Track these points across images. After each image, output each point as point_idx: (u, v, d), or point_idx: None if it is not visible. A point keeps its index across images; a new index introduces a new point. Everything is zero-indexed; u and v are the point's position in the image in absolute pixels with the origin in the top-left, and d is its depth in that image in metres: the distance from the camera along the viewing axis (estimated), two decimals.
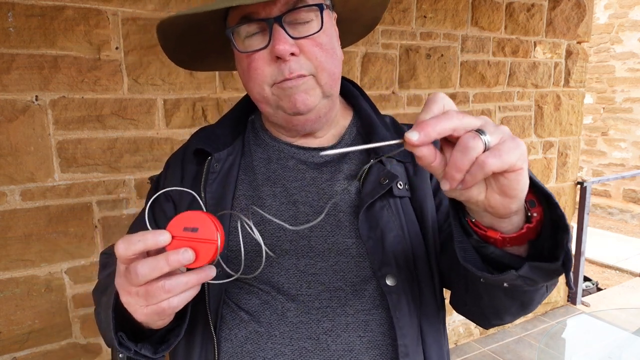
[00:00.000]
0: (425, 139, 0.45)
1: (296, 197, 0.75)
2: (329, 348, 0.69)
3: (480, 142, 0.44)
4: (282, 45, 0.66)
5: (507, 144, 0.45)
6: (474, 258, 0.56)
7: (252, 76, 0.71)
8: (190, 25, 0.73)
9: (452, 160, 0.45)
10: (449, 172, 0.46)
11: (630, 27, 6.19)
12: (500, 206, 0.49)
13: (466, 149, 0.44)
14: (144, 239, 0.52)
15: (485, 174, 0.45)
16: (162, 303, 0.54)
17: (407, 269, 0.73)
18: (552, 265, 0.51)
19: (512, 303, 0.64)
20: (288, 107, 0.71)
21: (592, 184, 3.45)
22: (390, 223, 0.73)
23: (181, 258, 0.51)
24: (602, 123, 6.63)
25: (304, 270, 0.72)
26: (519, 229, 0.53)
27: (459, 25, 2.57)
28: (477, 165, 0.44)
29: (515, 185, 0.46)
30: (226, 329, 0.73)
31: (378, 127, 0.80)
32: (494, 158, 0.44)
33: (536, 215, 0.52)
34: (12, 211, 1.64)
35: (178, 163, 0.85)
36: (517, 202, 0.48)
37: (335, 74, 0.73)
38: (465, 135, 0.45)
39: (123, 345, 0.62)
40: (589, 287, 3.86)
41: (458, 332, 2.97)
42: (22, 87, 1.59)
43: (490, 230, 0.53)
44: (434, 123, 0.45)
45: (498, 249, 0.54)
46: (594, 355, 2.26)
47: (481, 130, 0.45)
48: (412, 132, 0.45)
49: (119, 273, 0.56)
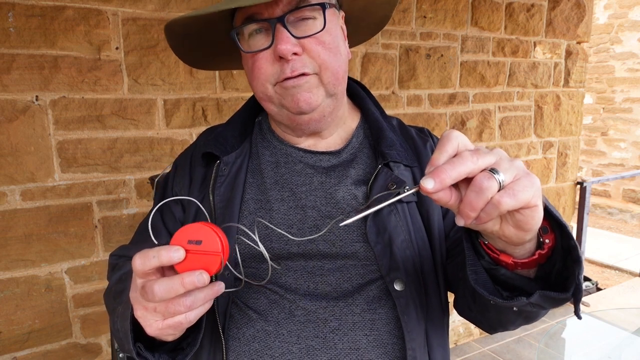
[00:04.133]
0: (440, 187, 0.45)
1: (304, 202, 0.76)
2: (336, 346, 0.70)
3: (494, 182, 0.44)
4: (284, 45, 0.66)
5: (521, 182, 0.45)
6: (484, 280, 0.57)
7: (255, 75, 0.72)
8: (199, 26, 0.74)
9: (467, 200, 0.46)
10: (464, 210, 0.46)
11: (630, 28, 6.19)
12: (515, 237, 0.50)
13: (481, 190, 0.44)
14: (159, 255, 0.53)
15: (500, 213, 0.45)
16: (179, 317, 0.55)
17: (415, 273, 0.73)
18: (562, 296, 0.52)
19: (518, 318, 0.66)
20: (291, 107, 0.72)
21: (592, 184, 3.45)
22: (398, 228, 0.73)
23: (196, 280, 0.52)
24: (601, 123, 6.64)
25: (311, 271, 0.73)
26: (531, 254, 0.54)
27: (459, 26, 2.57)
28: (491, 204, 0.45)
29: (529, 220, 0.47)
30: (234, 328, 0.74)
31: (386, 131, 0.80)
32: (508, 198, 0.44)
33: (548, 242, 0.53)
34: (13, 211, 1.64)
35: (186, 165, 0.86)
36: (531, 234, 0.50)
37: (339, 73, 0.73)
38: (479, 175, 0.45)
39: (141, 355, 0.62)
40: (588, 287, 3.86)
41: (458, 332, 2.97)
42: (22, 87, 1.60)
43: (502, 254, 0.54)
44: (448, 169, 0.45)
45: (509, 271, 0.56)
46: (593, 355, 2.26)
47: (495, 170, 0.45)
48: (427, 180, 0.45)
49: (135, 287, 0.57)
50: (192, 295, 0.54)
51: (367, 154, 0.80)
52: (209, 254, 0.54)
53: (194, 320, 0.56)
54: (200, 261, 0.54)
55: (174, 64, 1.82)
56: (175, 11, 1.80)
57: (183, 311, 0.54)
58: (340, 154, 0.80)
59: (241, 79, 1.99)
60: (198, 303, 0.54)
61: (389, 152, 0.76)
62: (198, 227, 0.55)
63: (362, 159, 0.80)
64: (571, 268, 0.52)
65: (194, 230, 0.55)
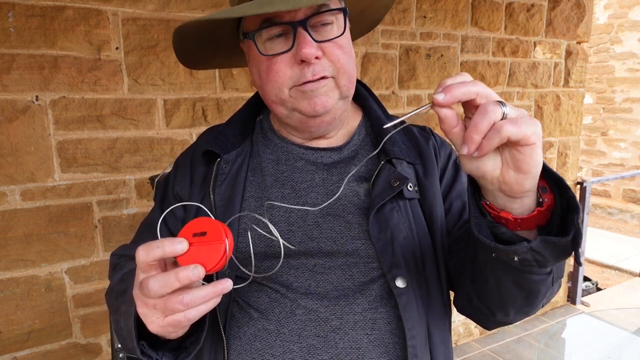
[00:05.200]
0: (451, 98, 0.49)
1: (305, 199, 0.76)
2: (337, 345, 0.70)
3: (499, 109, 0.48)
4: (308, 49, 0.66)
5: (524, 118, 0.48)
6: (487, 234, 0.58)
7: (271, 78, 0.71)
8: (202, 28, 0.73)
9: (473, 122, 0.48)
10: (468, 133, 0.49)
11: (630, 28, 6.19)
12: (515, 182, 0.51)
13: (486, 112, 0.48)
14: (163, 246, 0.53)
15: (501, 139, 0.47)
16: (178, 315, 0.54)
17: (417, 270, 0.73)
18: (563, 240, 0.52)
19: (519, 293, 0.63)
20: (307, 110, 0.72)
21: (592, 184, 3.45)
22: (400, 225, 0.73)
23: (191, 274, 0.52)
24: (601, 123, 6.64)
25: (312, 270, 0.73)
26: (530, 211, 0.55)
27: (459, 26, 2.57)
28: (494, 129, 0.48)
29: (528, 160, 0.49)
30: (235, 327, 0.74)
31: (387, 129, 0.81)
32: (510, 125, 0.47)
33: (547, 200, 0.55)
34: (13, 211, 1.64)
35: (187, 164, 0.86)
36: (531, 180, 0.51)
37: (353, 76, 0.74)
38: (487, 102, 0.49)
39: (145, 353, 0.62)
40: (588, 287, 3.86)
41: (458, 332, 2.97)
42: (22, 87, 1.60)
43: (503, 211, 0.55)
44: (460, 85, 0.49)
45: (509, 230, 0.56)
46: (593, 355, 2.26)
47: (502, 102, 0.49)
48: (438, 93, 0.49)
49: (137, 284, 0.57)
50: (190, 293, 0.53)
51: (369, 150, 0.81)
52: (213, 242, 0.54)
53: (195, 318, 0.55)
54: (205, 252, 0.54)
55: (174, 64, 1.82)
56: (175, 11, 1.80)
57: (181, 309, 0.53)
58: (342, 150, 0.80)
59: (241, 79, 1.99)
60: (197, 301, 0.54)
61: (392, 149, 0.77)
62: (202, 220, 0.56)
63: (364, 156, 0.80)
64: (570, 215, 0.53)
65: (198, 223, 0.56)
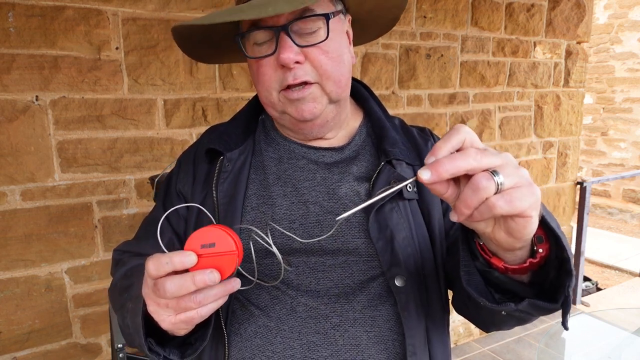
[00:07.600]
0: (436, 179, 0.45)
1: (306, 197, 0.77)
2: (337, 342, 0.71)
3: (492, 183, 0.44)
4: (286, 54, 0.67)
5: (521, 190, 0.45)
6: (477, 281, 0.57)
7: (260, 80, 0.74)
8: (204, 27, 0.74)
9: (462, 197, 0.46)
10: (458, 206, 0.46)
11: (630, 28, 6.19)
12: (505, 243, 0.50)
13: (477, 189, 0.44)
14: (172, 262, 0.54)
15: (492, 215, 0.45)
16: (191, 313, 0.56)
17: (416, 270, 0.74)
18: (551, 306, 0.53)
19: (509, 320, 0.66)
20: (295, 116, 0.73)
21: (592, 184, 3.45)
22: (400, 225, 0.74)
23: (207, 279, 0.53)
24: (601, 123, 6.64)
25: (313, 267, 0.74)
26: (522, 261, 0.54)
27: (459, 26, 2.57)
28: (486, 206, 0.45)
29: (521, 230, 0.47)
30: (236, 324, 0.75)
31: (388, 130, 0.81)
32: (503, 202, 0.44)
33: (542, 251, 0.53)
34: (13, 211, 1.64)
35: (190, 162, 0.86)
36: (522, 243, 0.50)
37: (342, 81, 0.74)
38: (479, 174, 0.45)
39: (152, 350, 0.63)
40: (588, 287, 3.86)
41: (458, 332, 2.97)
42: (22, 87, 1.60)
43: (494, 257, 0.55)
44: (447, 163, 0.45)
45: (501, 274, 0.56)
46: (593, 355, 2.27)
47: (496, 172, 0.45)
48: (424, 171, 0.45)
49: (147, 284, 0.58)
50: (203, 292, 0.55)
51: (370, 151, 0.82)
52: (224, 254, 0.55)
53: (206, 315, 0.57)
54: (216, 263, 0.55)
55: (174, 64, 1.82)
56: (175, 11, 1.80)
57: (194, 307, 0.55)
58: (343, 151, 0.81)
59: (241, 79, 1.99)
60: (209, 299, 0.55)
61: (392, 150, 0.77)
62: (209, 230, 0.56)
63: (365, 156, 0.81)
64: (562, 279, 0.53)
65: (205, 234, 0.55)
